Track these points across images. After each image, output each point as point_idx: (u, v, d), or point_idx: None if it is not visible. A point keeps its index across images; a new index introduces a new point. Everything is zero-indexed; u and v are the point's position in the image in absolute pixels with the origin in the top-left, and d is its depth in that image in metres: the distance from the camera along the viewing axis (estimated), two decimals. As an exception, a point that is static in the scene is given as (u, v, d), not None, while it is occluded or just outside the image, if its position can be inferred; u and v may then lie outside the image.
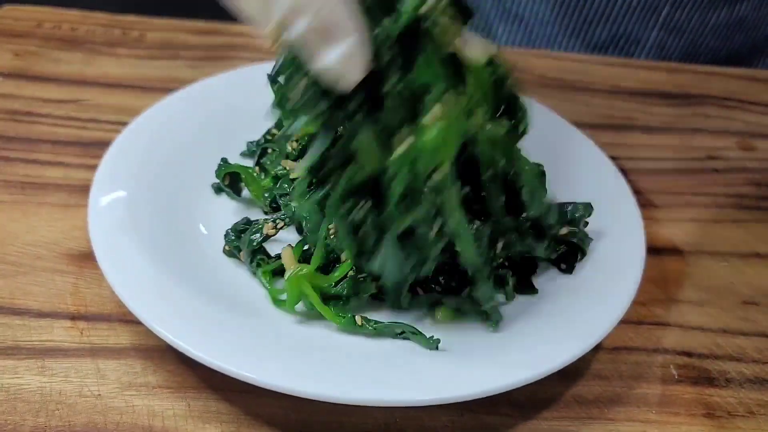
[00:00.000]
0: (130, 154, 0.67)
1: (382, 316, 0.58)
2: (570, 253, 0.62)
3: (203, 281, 0.59)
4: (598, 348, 0.61)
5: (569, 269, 0.62)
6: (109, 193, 0.63)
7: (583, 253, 0.62)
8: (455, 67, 0.49)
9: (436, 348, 0.55)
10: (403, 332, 0.56)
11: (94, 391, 0.55)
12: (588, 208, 0.62)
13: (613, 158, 0.75)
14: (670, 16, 0.98)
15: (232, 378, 0.50)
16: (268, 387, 0.49)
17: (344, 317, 0.56)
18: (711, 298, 0.68)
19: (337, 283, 0.58)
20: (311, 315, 0.58)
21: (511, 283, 0.59)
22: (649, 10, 0.98)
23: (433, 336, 0.55)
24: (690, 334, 0.64)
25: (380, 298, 0.58)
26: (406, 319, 0.58)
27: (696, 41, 1.02)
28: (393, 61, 0.48)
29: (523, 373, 0.52)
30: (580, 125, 0.79)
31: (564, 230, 0.60)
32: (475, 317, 0.57)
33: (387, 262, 0.53)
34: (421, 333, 0.55)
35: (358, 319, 0.56)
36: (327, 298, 0.57)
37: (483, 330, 0.57)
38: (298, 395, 0.49)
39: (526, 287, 0.61)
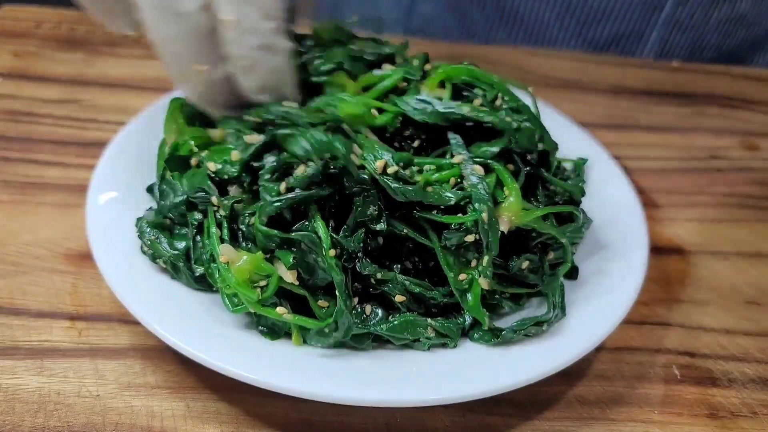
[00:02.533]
0: (128, 154, 0.66)
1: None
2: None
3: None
4: (600, 348, 0.60)
5: (574, 276, 0.61)
6: (107, 193, 0.62)
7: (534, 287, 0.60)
8: None
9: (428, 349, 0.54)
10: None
11: (93, 391, 0.54)
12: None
13: (616, 157, 0.74)
14: (672, 12, 0.98)
15: (232, 378, 0.50)
16: (267, 387, 0.49)
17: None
18: (714, 298, 0.67)
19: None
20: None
21: (506, 307, 0.58)
22: (651, 7, 0.98)
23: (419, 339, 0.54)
24: (693, 334, 0.64)
25: None
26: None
27: (699, 38, 1.02)
28: None
29: (525, 373, 0.52)
30: (583, 124, 0.78)
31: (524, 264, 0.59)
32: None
33: None
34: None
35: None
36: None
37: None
38: (298, 395, 0.49)
39: (537, 292, 0.60)
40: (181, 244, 0.58)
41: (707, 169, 0.84)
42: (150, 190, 0.63)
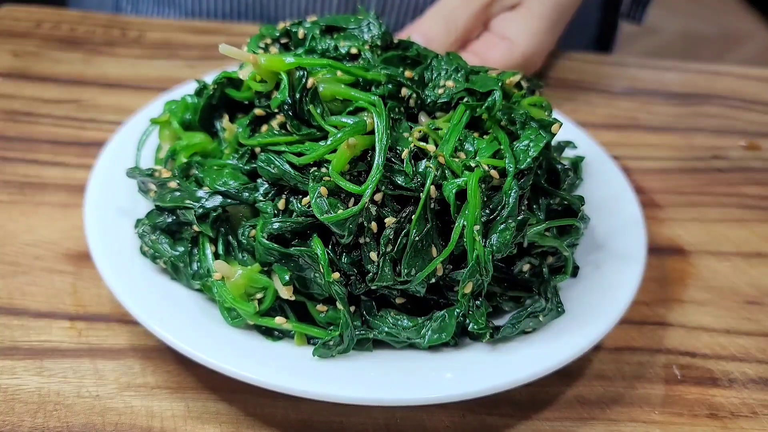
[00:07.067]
0: (126, 153, 0.66)
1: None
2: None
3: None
4: (600, 348, 0.60)
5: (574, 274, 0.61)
6: (105, 193, 0.62)
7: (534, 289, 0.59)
8: None
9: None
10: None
11: (93, 391, 0.54)
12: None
13: (616, 158, 0.74)
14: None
15: (232, 378, 0.50)
16: (267, 387, 0.49)
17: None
18: (714, 298, 0.67)
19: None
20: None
21: (507, 307, 0.58)
22: None
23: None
24: (693, 334, 0.64)
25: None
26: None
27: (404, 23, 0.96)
28: None
29: (524, 371, 0.51)
30: (583, 125, 0.78)
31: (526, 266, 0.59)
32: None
33: None
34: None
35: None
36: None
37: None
38: (297, 395, 0.49)
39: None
40: (182, 247, 0.58)
41: (708, 169, 0.84)
42: None
